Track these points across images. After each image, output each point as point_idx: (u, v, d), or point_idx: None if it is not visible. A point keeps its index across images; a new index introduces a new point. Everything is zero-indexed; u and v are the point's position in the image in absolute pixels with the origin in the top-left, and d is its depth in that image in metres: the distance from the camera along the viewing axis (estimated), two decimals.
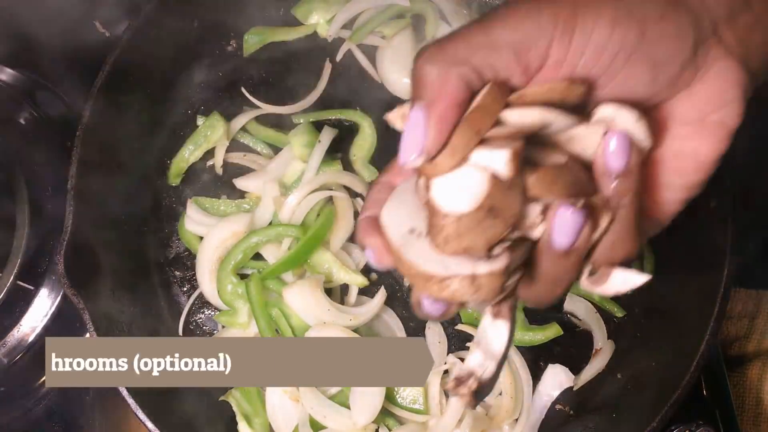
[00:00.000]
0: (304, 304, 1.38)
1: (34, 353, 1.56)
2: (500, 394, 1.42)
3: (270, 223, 1.48)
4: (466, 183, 0.66)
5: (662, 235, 1.49)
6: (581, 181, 0.70)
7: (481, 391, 0.73)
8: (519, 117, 0.69)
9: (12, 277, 1.51)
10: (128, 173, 1.50)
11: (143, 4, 1.44)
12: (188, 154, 1.56)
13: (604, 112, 0.72)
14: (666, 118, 0.76)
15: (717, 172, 1.31)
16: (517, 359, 1.43)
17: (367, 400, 1.33)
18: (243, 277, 1.46)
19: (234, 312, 1.44)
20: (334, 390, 1.41)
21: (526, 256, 0.72)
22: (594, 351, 1.46)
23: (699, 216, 1.38)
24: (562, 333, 1.43)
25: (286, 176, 1.51)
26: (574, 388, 1.43)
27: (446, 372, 1.41)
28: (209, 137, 1.55)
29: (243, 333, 1.44)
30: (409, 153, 0.67)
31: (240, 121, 1.58)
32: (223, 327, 1.48)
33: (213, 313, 1.52)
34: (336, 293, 1.47)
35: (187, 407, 1.42)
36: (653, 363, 1.37)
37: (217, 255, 1.47)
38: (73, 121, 1.37)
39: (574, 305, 1.47)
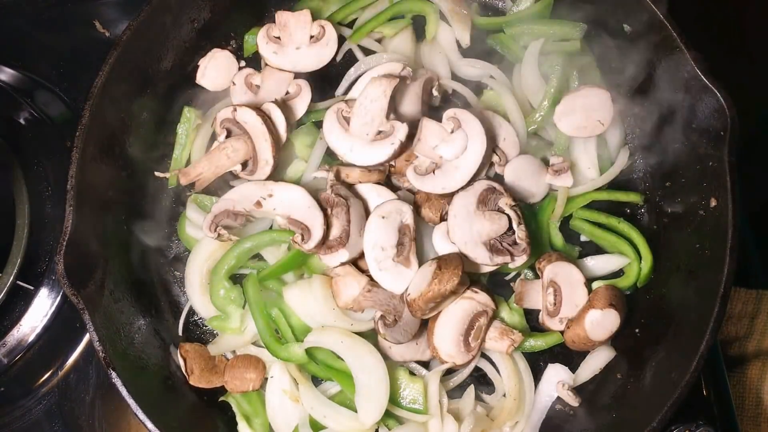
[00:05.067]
0: (308, 303, 1.38)
1: (34, 353, 1.56)
2: (504, 395, 1.42)
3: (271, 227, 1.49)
4: None
5: (662, 235, 1.50)
6: None
7: None
8: None
9: (12, 277, 1.52)
10: (128, 173, 1.50)
11: (143, 4, 1.44)
12: (179, 156, 1.56)
13: None
14: None
15: (717, 171, 1.32)
16: (521, 363, 1.43)
17: (373, 399, 1.33)
18: (241, 277, 1.46)
19: (226, 317, 1.44)
20: (334, 390, 1.41)
21: None
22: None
23: (699, 216, 1.39)
24: (563, 340, 1.43)
25: (288, 175, 1.51)
26: (573, 385, 1.43)
27: (447, 372, 1.41)
28: (188, 131, 1.55)
29: (237, 337, 1.45)
30: None
31: (218, 108, 1.57)
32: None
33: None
34: None
35: (187, 407, 1.42)
36: (653, 363, 1.37)
37: (206, 267, 1.48)
38: (73, 121, 1.37)
39: None
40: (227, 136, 1.47)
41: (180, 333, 1.50)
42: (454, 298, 1.35)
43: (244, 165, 1.47)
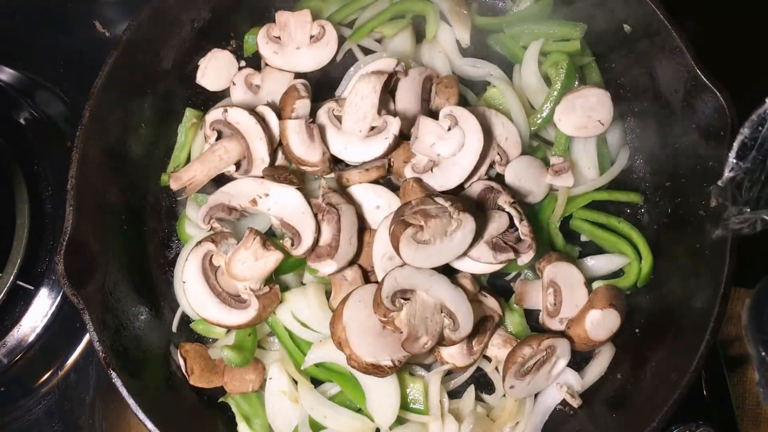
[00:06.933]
0: (302, 310, 1.39)
1: (34, 353, 1.56)
2: (504, 395, 1.42)
3: (270, 227, 1.49)
4: None
5: (662, 236, 1.50)
6: None
7: None
8: None
9: (12, 277, 1.52)
10: (128, 173, 1.50)
11: (143, 4, 1.44)
12: (178, 156, 1.56)
13: None
14: None
15: (717, 171, 1.32)
16: None
17: (385, 402, 1.34)
18: None
19: None
20: (333, 390, 1.41)
21: None
22: (594, 352, 1.46)
23: (699, 216, 1.39)
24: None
25: None
26: (581, 390, 1.42)
27: (447, 373, 1.41)
28: (187, 132, 1.55)
29: (222, 341, 1.45)
30: None
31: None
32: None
33: None
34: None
35: (187, 407, 1.42)
36: (653, 363, 1.37)
37: None
38: (73, 121, 1.37)
39: None
40: (218, 138, 1.47)
41: (174, 330, 1.49)
42: None
43: (238, 165, 1.47)
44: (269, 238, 1.39)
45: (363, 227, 1.42)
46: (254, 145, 1.43)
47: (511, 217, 1.36)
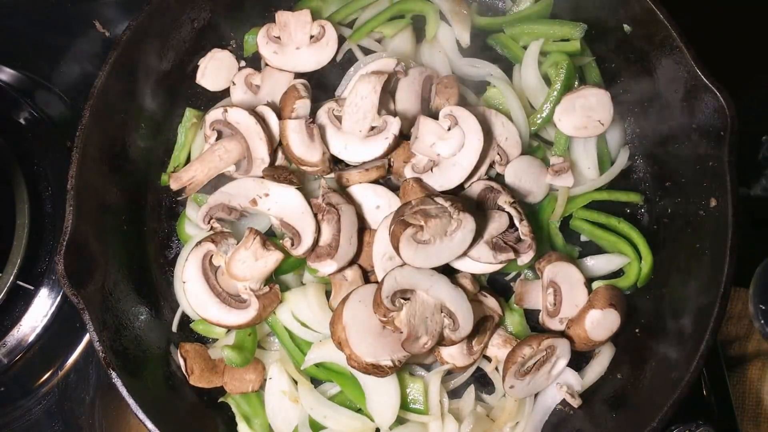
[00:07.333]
0: (302, 310, 1.39)
1: (34, 353, 1.56)
2: (504, 395, 1.42)
3: (269, 228, 1.49)
4: None
5: (662, 235, 1.50)
6: None
7: None
8: None
9: (12, 277, 1.52)
10: (128, 173, 1.50)
11: (143, 4, 1.44)
12: (178, 156, 1.56)
13: None
14: None
15: (717, 171, 1.32)
16: None
17: (385, 402, 1.34)
18: None
19: None
20: (333, 390, 1.41)
21: None
22: (594, 352, 1.46)
23: (699, 216, 1.39)
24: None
25: None
26: (581, 391, 1.42)
27: (448, 373, 1.41)
28: (187, 132, 1.55)
29: (222, 341, 1.45)
30: None
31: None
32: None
33: None
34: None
35: (187, 407, 1.42)
36: (653, 363, 1.37)
37: None
38: (73, 121, 1.37)
39: None
40: (218, 138, 1.47)
41: (174, 330, 1.49)
42: None
43: (238, 165, 1.47)
44: (269, 238, 1.39)
45: (363, 227, 1.42)
46: (254, 145, 1.43)
47: (511, 217, 1.36)
